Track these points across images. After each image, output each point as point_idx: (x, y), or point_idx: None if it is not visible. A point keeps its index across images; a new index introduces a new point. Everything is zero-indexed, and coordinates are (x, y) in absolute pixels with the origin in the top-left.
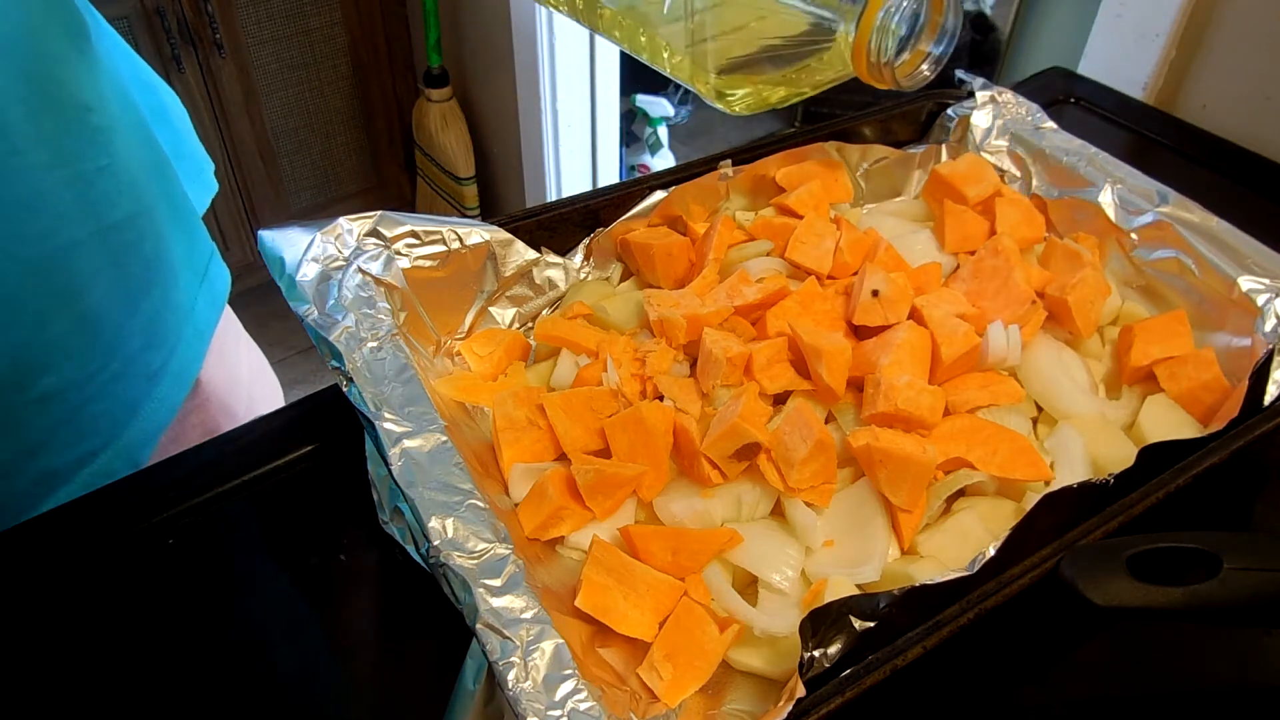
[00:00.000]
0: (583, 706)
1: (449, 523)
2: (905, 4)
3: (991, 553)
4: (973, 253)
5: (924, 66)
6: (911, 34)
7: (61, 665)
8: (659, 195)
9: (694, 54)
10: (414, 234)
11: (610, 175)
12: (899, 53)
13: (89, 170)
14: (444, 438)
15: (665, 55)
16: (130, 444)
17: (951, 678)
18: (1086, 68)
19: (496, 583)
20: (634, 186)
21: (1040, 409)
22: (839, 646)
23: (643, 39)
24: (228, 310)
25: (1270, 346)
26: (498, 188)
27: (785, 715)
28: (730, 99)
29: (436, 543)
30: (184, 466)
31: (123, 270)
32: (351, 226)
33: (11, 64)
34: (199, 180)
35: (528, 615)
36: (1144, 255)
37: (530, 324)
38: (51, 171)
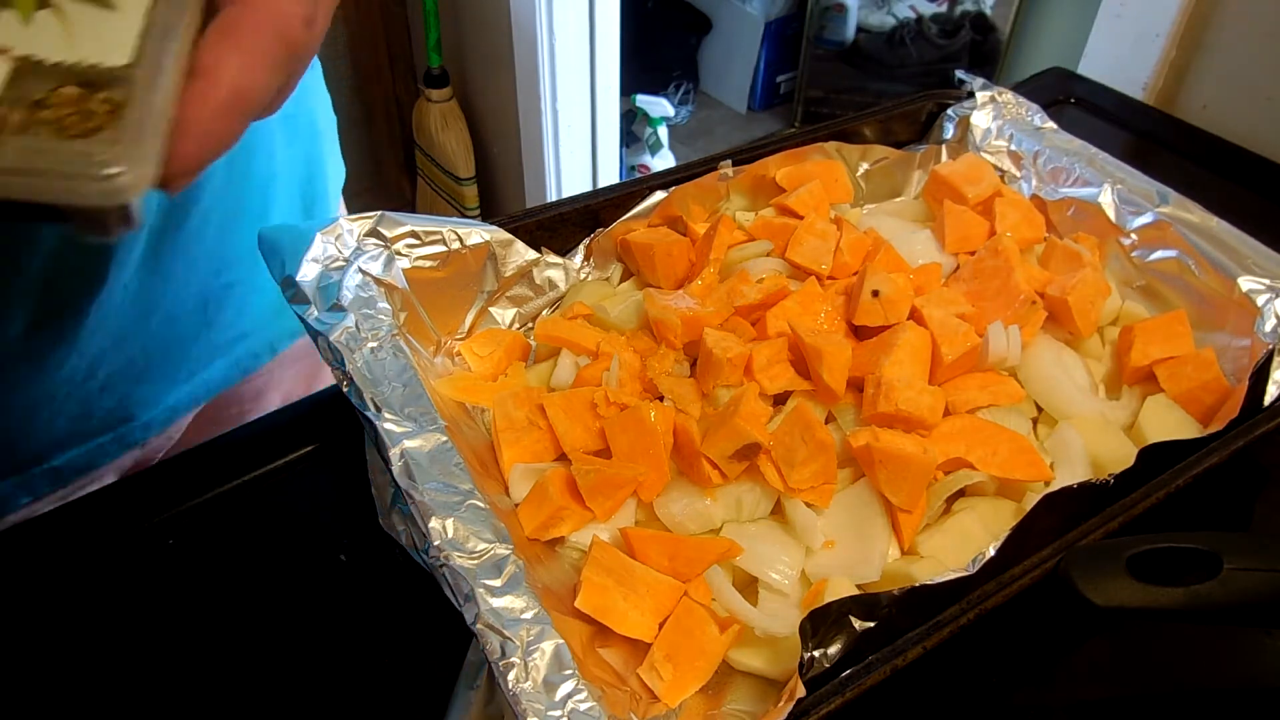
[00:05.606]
0: (583, 707)
1: (449, 523)
2: None
3: (991, 553)
4: (973, 253)
5: None
6: None
7: (62, 665)
8: (659, 195)
9: None
10: (414, 234)
11: (610, 175)
12: None
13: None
14: (444, 438)
15: None
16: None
17: (952, 678)
18: (1086, 68)
19: (496, 583)
20: (634, 187)
21: (1040, 409)
22: (839, 647)
23: None
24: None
25: (1270, 346)
26: (498, 188)
27: (785, 715)
28: None
29: (436, 543)
30: (184, 466)
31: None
32: (351, 226)
33: None
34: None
35: (528, 615)
36: (1144, 255)
37: (530, 324)
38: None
